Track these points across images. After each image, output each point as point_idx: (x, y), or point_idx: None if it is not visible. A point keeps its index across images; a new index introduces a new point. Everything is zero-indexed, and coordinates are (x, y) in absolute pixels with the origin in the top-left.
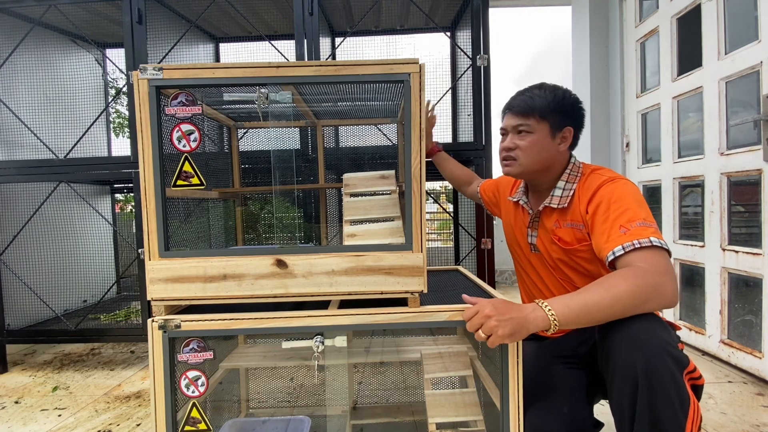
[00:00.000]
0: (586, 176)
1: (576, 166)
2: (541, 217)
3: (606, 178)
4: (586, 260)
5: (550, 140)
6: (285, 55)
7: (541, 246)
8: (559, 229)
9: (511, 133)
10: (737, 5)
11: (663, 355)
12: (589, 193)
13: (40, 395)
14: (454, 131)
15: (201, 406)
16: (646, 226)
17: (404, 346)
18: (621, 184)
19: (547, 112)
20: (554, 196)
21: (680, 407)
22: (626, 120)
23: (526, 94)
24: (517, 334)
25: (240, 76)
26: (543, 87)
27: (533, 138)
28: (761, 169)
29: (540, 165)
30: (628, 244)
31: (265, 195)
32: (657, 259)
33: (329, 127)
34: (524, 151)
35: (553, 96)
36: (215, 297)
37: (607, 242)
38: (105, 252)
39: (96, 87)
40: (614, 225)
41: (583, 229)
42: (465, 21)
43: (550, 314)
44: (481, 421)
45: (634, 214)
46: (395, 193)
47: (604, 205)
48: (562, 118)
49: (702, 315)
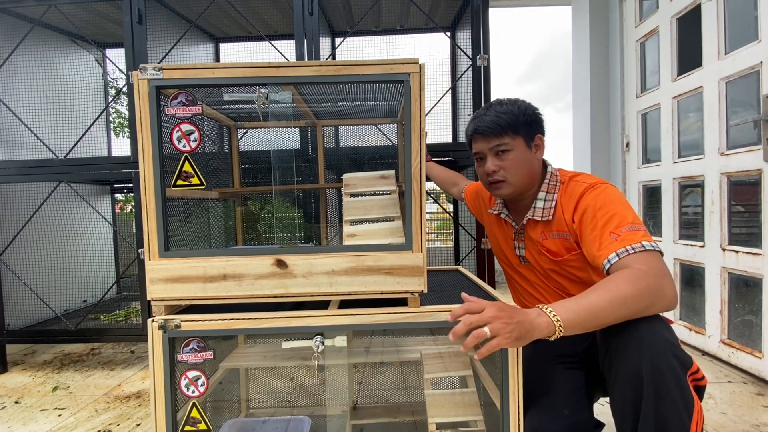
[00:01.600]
0: (566, 184)
1: (554, 174)
2: (525, 229)
3: (587, 185)
4: (577, 269)
5: (529, 152)
6: (285, 55)
7: (530, 257)
8: (546, 241)
9: (490, 156)
10: (737, 5)
11: (668, 356)
12: (573, 202)
13: (40, 395)
14: (454, 131)
15: (201, 406)
16: (635, 230)
17: (404, 346)
18: (602, 189)
19: (518, 126)
20: (536, 208)
21: (684, 409)
22: (626, 120)
23: (488, 115)
24: (522, 340)
25: (240, 76)
26: (501, 103)
27: (514, 155)
28: (761, 169)
29: (526, 180)
30: (622, 250)
31: (265, 195)
32: (654, 261)
33: (329, 127)
34: (509, 171)
35: (516, 108)
36: (215, 297)
37: (599, 250)
38: (105, 252)
39: (96, 87)
40: (604, 232)
41: (570, 239)
42: (465, 21)
43: (555, 320)
44: (481, 421)
45: (622, 219)
46: (395, 193)
47: (589, 212)
48: (531, 128)
49: (702, 315)
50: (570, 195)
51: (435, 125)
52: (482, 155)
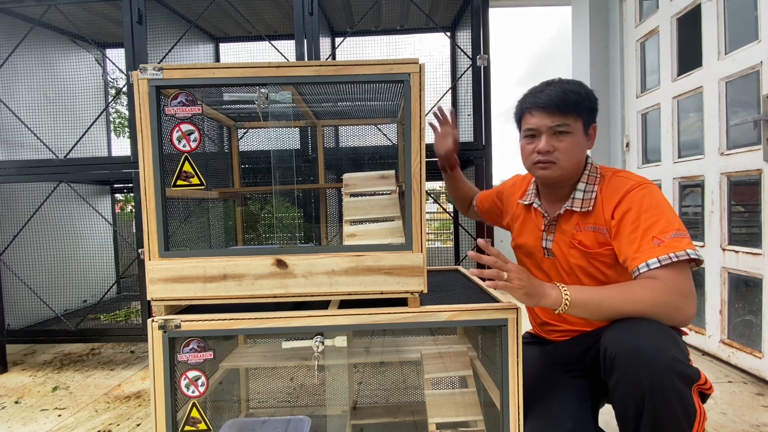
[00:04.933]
0: (608, 179)
1: (594, 167)
2: (558, 221)
3: (634, 183)
4: (606, 265)
5: (585, 140)
6: (285, 55)
7: (557, 250)
8: (579, 233)
9: (547, 134)
10: (737, 5)
11: (672, 377)
12: (616, 197)
13: (40, 395)
14: None
15: (201, 406)
16: (681, 237)
17: (404, 346)
18: (650, 190)
19: (582, 109)
20: (575, 198)
21: (686, 420)
22: (626, 120)
23: (553, 89)
24: (529, 297)
25: (240, 76)
26: (567, 82)
27: (573, 139)
28: (761, 169)
29: (575, 167)
30: (665, 257)
31: (265, 195)
32: (684, 279)
33: (329, 127)
34: (565, 154)
35: (584, 90)
36: (215, 297)
37: (637, 252)
38: (105, 252)
39: (96, 87)
40: (646, 235)
41: (606, 234)
42: (465, 21)
43: (564, 294)
44: (481, 421)
45: (668, 224)
46: (395, 193)
47: (633, 212)
48: (592, 115)
49: (702, 315)
50: (613, 190)
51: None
52: (537, 132)
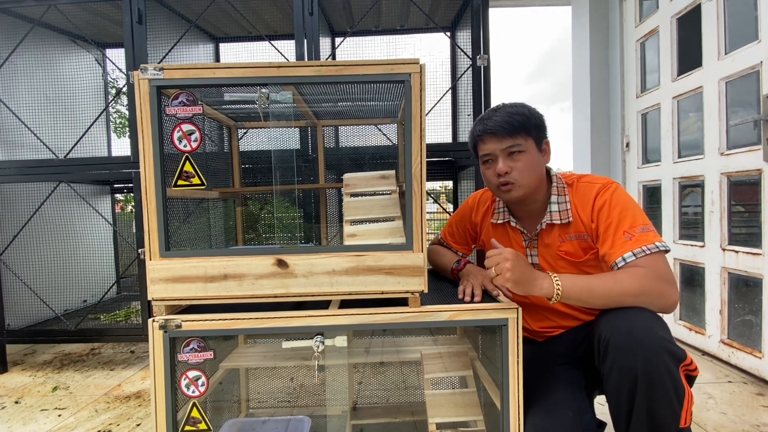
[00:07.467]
0: (574, 186)
1: (558, 177)
2: (539, 235)
3: (600, 186)
4: (593, 267)
5: (540, 156)
6: (285, 55)
7: (543, 264)
8: (564, 243)
9: (502, 157)
10: (737, 5)
11: (662, 354)
12: (588, 202)
13: (40, 395)
14: (454, 131)
15: (201, 406)
16: (647, 231)
17: (404, 346)
18: (614, 188)
19: (530, 128)
20: (552, 212)
21: (676, 398)
22: (626, 120)
23: (499, 116)
24: (520, 285)
25: (240, 76)
26: (510, 105)
27: (527, 157)
28: (761, 169)
29: (536, 183)
30: (639, 250)
31: (266, 195)
32: (663, 265)
33: (329, 127)
34: (522, 172)
35: (527, 110)
36: (216, 297)
37: (612, 248)
38: (105, 252)
39: (96, 87)
40: (618, 231)
41: (588, 239)
42: (465, 21)
43: (556, 284)
44: (481, 421)
45: (635, 220)
46: (395, 193)
47: (605, 210)
48: (540, 132)
49: (702, 315)
50: (583, 196)
51: (435, 125)
52: (492, 156)
